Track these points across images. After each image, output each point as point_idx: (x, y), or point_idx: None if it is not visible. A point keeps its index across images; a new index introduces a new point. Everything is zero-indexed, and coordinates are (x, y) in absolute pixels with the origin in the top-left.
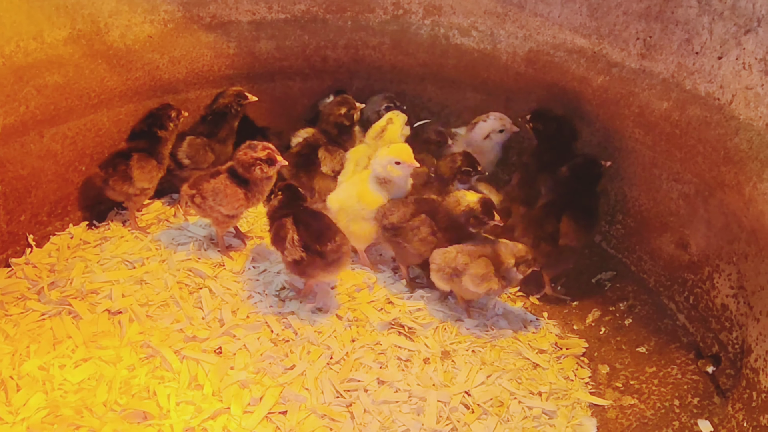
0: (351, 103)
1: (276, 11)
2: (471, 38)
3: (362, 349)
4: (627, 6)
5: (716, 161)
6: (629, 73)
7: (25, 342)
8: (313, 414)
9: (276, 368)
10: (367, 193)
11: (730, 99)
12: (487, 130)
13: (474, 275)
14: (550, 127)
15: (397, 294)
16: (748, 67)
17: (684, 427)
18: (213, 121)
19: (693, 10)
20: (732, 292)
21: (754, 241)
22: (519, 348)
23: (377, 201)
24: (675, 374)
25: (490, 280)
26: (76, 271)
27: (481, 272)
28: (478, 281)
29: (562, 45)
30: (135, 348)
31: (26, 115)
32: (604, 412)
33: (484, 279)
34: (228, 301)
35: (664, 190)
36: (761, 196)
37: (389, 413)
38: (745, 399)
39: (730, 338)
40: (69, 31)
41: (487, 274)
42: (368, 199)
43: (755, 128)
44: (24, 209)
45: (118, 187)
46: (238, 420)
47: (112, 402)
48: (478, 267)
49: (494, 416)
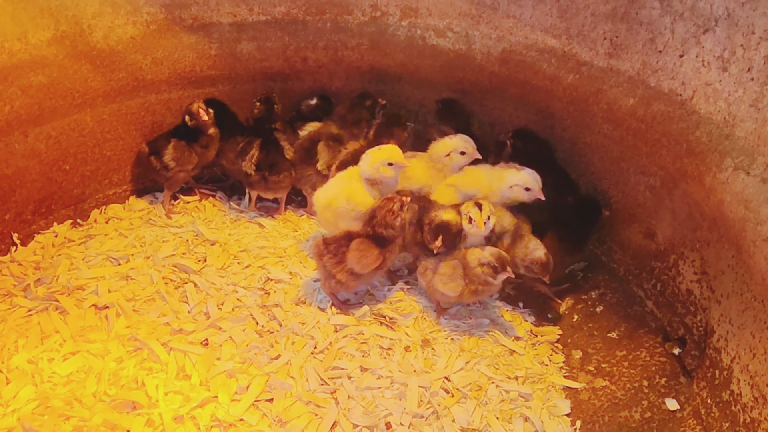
0: (375, 98)
1: (257, 13)
2: (446, 39)
3: (345, 339)
4: (594, 8)
5: (679, 154)
6: (597, 71)
7: (13, 337)
8: (298, 401)
9: (262, 358)
10: (357, 193)
11: (691, 95)
12: (449, 149)
13: (442, 274)
14: (529, 146)
15: (378, 286)
16: (707, 64)
17: (652, 405)
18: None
19: (656, 11)
20: (696, 278)
21: (714, 229)
22: (496, 336)
23: (367, 202)
24: (644, 357)
25: (456, 280)
26: (61, 268)
27: (448, 272)
28: (446, 279)
29: (533, 45)
30: (122, 341)
31: (11, 114)
32: (578, 394)
33: (451, 278)
34: (213, 295)
35: (632, 182)
36: (720, 185)
37: (372, 399)
38: (709, 377)
39: (694, 321)
40: (53, 32)
41: (454, 275)
42: (358, 200)
43: (714, 122)
44: (8, 208)
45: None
46: (226, 408)
47: (102, 393)
48: (446, 267)
49: (473, 400)
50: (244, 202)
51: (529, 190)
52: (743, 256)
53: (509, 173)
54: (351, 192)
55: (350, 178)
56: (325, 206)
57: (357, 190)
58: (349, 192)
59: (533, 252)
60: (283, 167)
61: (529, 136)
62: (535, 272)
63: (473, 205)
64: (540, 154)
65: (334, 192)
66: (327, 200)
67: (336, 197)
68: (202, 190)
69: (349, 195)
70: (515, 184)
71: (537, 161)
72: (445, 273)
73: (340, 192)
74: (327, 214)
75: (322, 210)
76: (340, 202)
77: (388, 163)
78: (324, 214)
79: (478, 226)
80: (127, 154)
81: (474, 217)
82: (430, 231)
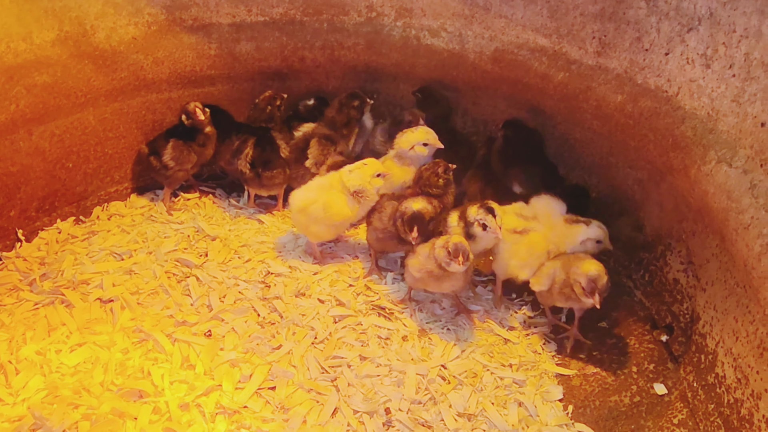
0: (363, 98)
1: (255, 14)
2: (440, 39)
3: (344, 329)
4: (584, 8)
5: (665, 148)
6: (587, 69)
7: (21, 329)
8: (300, 389)
9: (264, 348)
10: (335, 203)
11: (676, 91)
12: (411, 142)
13: (417, 253)
14: (519, 134)
15: (374, 280)
16: (691, 61)
17: (641, 390)
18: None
19: (642, 11)
20: (682, 267)
21: (700, 219)
22: (490, 326)
23: (344, 213)
24: (633, 344)
25: (421, 260)
26: (66, 263)
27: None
28: (415, 257)
29: (525, 44)
30: (128, 333)
31: (16, 113)
32: (570, 381)
33: (419, 256)
34: (215, 288)
35: (621, 176)
36: (704, 177)
37: (372, 386)
38: (695, 362)
39: (681, 309)
40: (57, 32)
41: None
42: (335, 210)
43: (698, 116)
44: (13, 205)
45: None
46: (230, 395)
47: (109, 382)
48: (423, 247)
49: (469, 386)
50: (243, 199)
51: (600, 243)
52: (726, 245)
53: (579, 230)
54: (329, 201)
55: (330, 186)
56: (300, 209)
57: (336, 200)
58: (327, 200)
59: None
60: (277, 164)
61: (519, 125)
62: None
63: (484, 211)
64: (530, 143)
65: (312, 197)
66: (303, 203)
67: (313, 202)
68: (202, 188)
69: (327, 204)
70: (587, 239)
71: (527, 150)
72: (421, 252)
73: (317, 198)
74: (301, 217)
75: (297, 212)
76: (316, 208)
77: (423, 144)
78: (298, 216)
79: (496, 232)
80: (128, 153)
81: (490, 224)
82: (404, 223)
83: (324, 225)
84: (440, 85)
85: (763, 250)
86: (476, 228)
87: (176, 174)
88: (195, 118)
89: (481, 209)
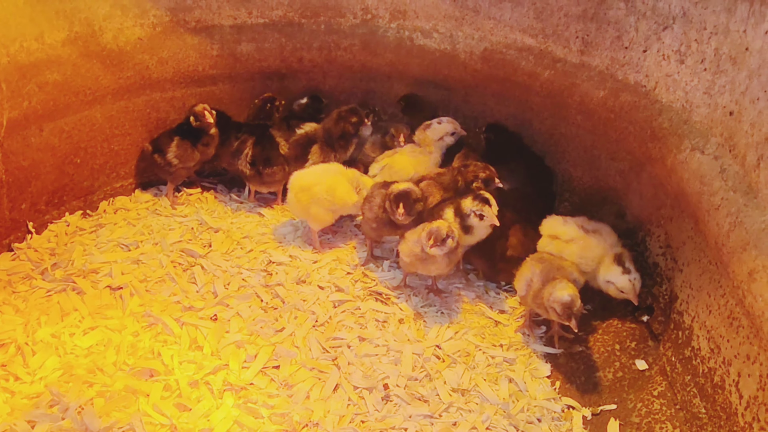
0: (361, 115)
1: (256, 16)
2: (433, 39)
3: (343, 313)
4: (567, 9)
5: (644, 139)
6: (571, 67)
7: (36, 314)
8: (303, 367)
9: (267, 330)
10: (339, 188)
11: (654, 85)
12: (441, 133)
13: (406, 239)
14: (500, 137)
15: (371, 268)
16: (667, 58)
17: (624, 366)
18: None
19: (621, 12)
20: (661, 251)
21: (676, 205)
22: (482, 309)
23: (346, 198)
24: (616, 324)
25: (410, 245)
26: (76, 254)
27: (412, 237)
28: (404, 242)
29: (512, 44)
30: (137, 317)
31: (28, 109)
32: (557, 359)
33: (409, 242)
34: (219, 276)
35: (603, 168)
36: (680, 164)
37: (370, 364)
38: (673, 338)
39: (660, 291)
40: (67, 33)
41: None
42: (338, 194)
43: (674, 109)
44: (25, 198)
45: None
46: (237, 374)
47: (121, 362)
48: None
49: (462, 364)
50: (243, 194)
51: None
52: (700, 226)
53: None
54: (334, 184)
55: (337, 171)
56: (302, 188)
57: (341, 185)
58: (332, 184)
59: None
60: (277, 161)
61: (500, 129)
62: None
63: (479, 202)
64: (511, 145)
65: (315, 178)
66: (306, 183)
67: (317, 183)
68: (204, 184)
69: (332, 186)
70: (611, 282)
71: (509, 151)
72: (410, 238)
73: (323, 180)
74: (302, 196)
75: (298, 191)
76: (320, 190)
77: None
78: (299, 195)
79: (493, 220)
80: (133, 149)
81: (486, 213)
82: (391, 203)
83: (324, 208)
84: (432, 84)
85: (731, 228)
86: (473, 219)
87: (179, 171)
88: (203, 120)
89: (476, 200)
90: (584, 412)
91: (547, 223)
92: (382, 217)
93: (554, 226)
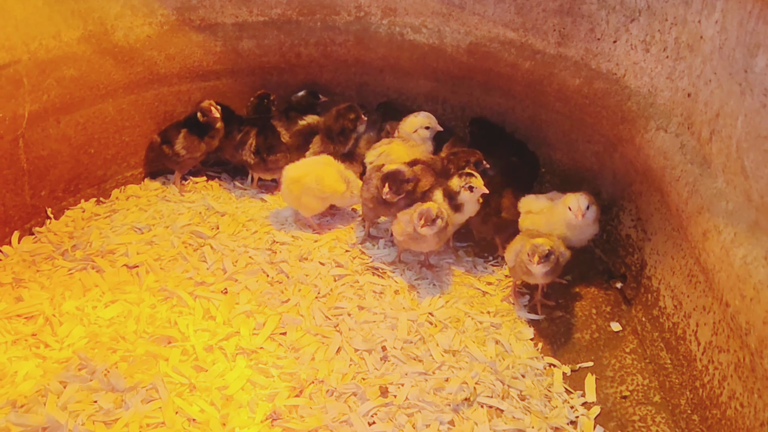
0: (358, 112)
1: (256, 14)
2: (422, 34)
3: (343, 286)
4: (545, 4)
5: (616, 122)
6: (549, 58)
7: (60, 290)
8: (307, 333)
9: (274, 301)
10: (328, 177)
11: (623, 73)
12: (416, 125)
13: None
14: (484, 130)
15: (368, 246)
16: (634, 47)
17: (600, 328)
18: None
19: (594, 6)
20: (633, 224)
21: (645, 180)
22: (471, 281)
23: (335, 187)
24: (593, 291)
25: (402, 225)
26: (93, 236)
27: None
28: (397, 222)
29: (496, 38)
30: (153, 292)
31: (47, 103)
32: (539, 324)
33: (401, 222)
34: (227, 254)
35: (580, 151)
36: (647, 143)
37: (369, 329)
38: (643, 301)
39: (632, 260)
40: (82, 31)
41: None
42: (326, 182)
43: (641, 93)
44: (44, 185)
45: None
46: (248, 339)
47: (141, 331)
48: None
49: (453, 328)
50: (246, 182)
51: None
52: (664, 198)
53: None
54: (323, 174)
55: (326, 163)
56: (294, 179)
57: (329, 175)
58: (321, 174)
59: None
60: (280, 149)
61: (483, 122)
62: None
63: (466, 176)
64: (494, 136)
65: (306, 169)
66: (297, 175)
67: (307, 174)
68: (209, 172)
69: (320, 176)
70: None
71: (493, 142)
72: (402, 219)
73: (312, 171)
74: (294, 187)
75: (290, 182)
76: (310, 180)
77: (425, 127)
78: (291, 186)
79: (482, 188)
80: (143, 140)
81: (475, 184)
82: (380, 182)
83: (314, 197)
84: (422, 76)
85: (689, 195)
86: (463, 194)
87: (187, 161)
88: (210, 115)
89: (463, 176)
90: (564, 369)
91: (524, 201)
92: (378, 197)
93: (529, 203)
